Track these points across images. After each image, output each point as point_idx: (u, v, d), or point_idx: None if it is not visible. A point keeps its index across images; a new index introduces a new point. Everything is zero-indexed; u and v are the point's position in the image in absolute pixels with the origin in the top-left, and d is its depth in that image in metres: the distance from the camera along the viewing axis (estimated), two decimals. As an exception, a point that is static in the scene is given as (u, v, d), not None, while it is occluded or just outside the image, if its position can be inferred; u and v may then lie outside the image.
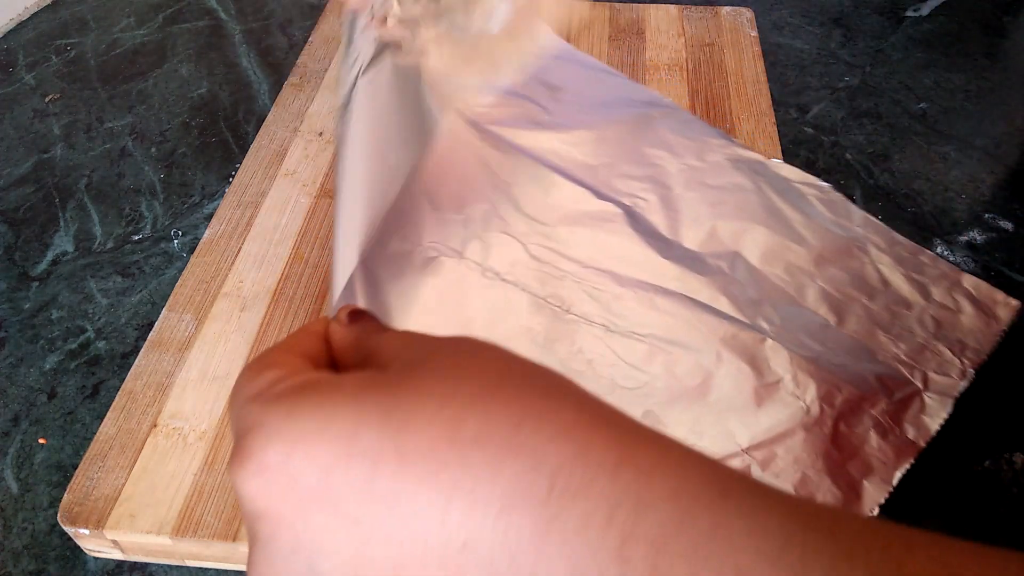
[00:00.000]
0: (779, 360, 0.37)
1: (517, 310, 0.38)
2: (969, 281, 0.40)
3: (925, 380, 0.36)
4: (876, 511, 0.32)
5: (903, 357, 0.37)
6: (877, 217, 0.43)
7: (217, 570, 0.35)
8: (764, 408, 0.36)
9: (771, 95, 0.52)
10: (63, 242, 0.49)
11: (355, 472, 0.16)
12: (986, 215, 0.48)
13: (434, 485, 0.16)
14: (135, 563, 0.35)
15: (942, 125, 0.54)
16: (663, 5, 0.60)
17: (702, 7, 0.60)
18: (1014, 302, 0.39)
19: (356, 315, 0.23)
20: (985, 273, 0.45)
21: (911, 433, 0.35)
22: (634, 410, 0.35)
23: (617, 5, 0.60)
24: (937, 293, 0.40)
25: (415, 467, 0.16)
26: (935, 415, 0.35)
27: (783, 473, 0.34)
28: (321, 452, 0.16)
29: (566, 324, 0.38)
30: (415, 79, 0.41)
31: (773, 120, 0.50)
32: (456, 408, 0.16)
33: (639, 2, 0.61)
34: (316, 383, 0.18)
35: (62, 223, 0.50)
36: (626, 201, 0.43)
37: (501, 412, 0.16)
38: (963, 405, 0.39)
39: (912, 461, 0.34)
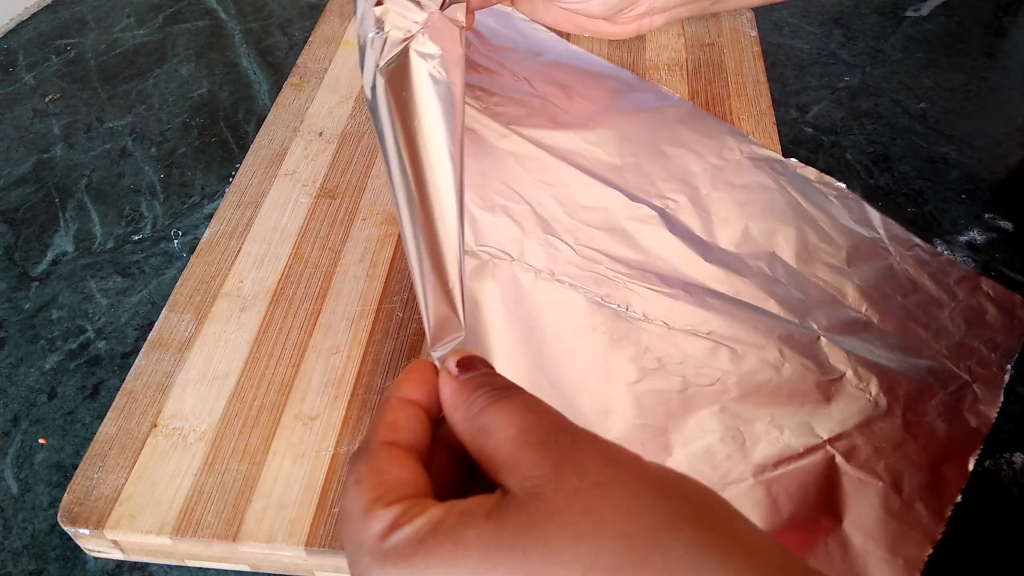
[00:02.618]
0: (837, 357, 0.37)
1: (578, 309, 0.38)
2: (987, 284, 0.40)
3: (971, 373, 0.37)
4: (959, 498, 0.32)
5: (945, 352, 0.38)
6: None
7: (217, 570, 0.35)
8: (834, 402, 0.36)
9: (771, 95, 0.52)
10: (63, 242, 0.49)
11: None
12: (986, 215, 0.48)
13: None
14: (135, 563, 0.35)
15: (942, 125, 0.54)
16: (663, 5, 0.60)
17: (702, 7, 0.60)
18: None
19: (466, 363, 0.22)
20: (985, 273, 0.45)
21: (973, 422, 0.35)
22: (711, 407, 0.35)
23: (617, 5, 0.60)
24: (962, 294, 0.40)
25: None
26: (990, 404, 0.36)
27: (867, 462, 0.34)
28: None
29: (627, 323, 0.38)
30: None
31: (773, 120, 0.50)
32: None
33: (639, 2, 0.61)
34: (435, 534, 0.17)
35: (62, 223, 0.50)
36: (657, 203, 0.43)
37: None
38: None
39: (981, 447, 0.34)
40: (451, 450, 0.22)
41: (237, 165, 0.50)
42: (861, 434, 0.34)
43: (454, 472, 0.22)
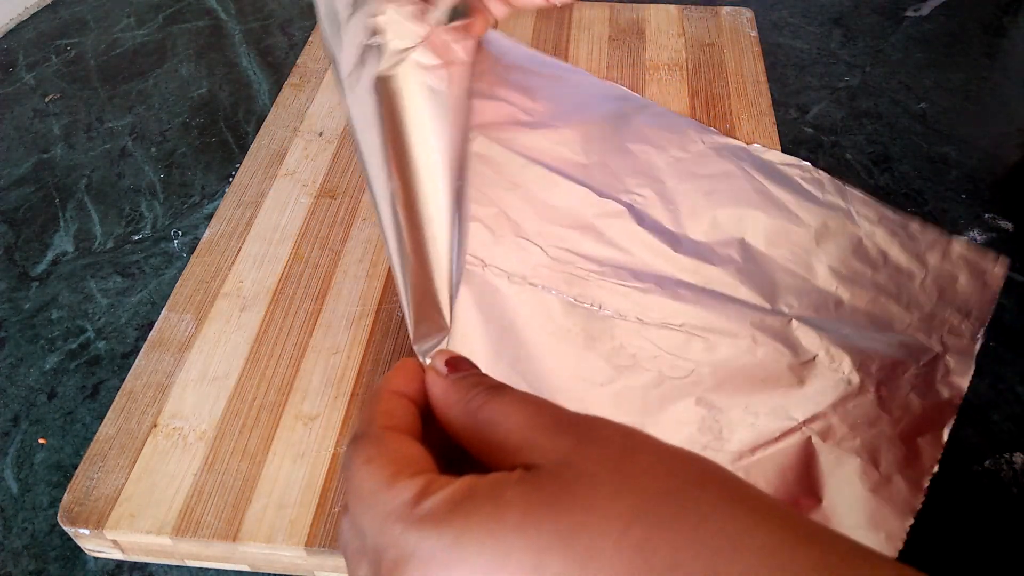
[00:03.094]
0: (809, 339, 0.37)
1: (551, 312, 0.38)
2: (960, 245, 0.40)
3: (943, 344, 0.37)
4: (936, 468, 0.33)
5: (917, 324, 0.38)
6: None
7: (217, 570, 0.35)
8: (808, 384, 0.36)
9: (771, 95, 0.52)
10: (63, 242, 0.49)
11: None
12: (986, 215, 0.48)
13: None
14: (135, 563, 0.35)
15: (942, 125, 0.54)
16: (663, 5, 0.60)
17: (702, 7, 0.60)
18: (1004, 259, 0.40)
19: (453, 363, 0.22)
20: (985, 273, 0.45)
21: (945, 394, 0.35)
22: (686, 399, 0.35)
23: (617, 5, 0.60)
24: (932, 260, 0.40)
25: None
26: (962, 374, 0.36)
27: (844, 440, 0.34)
28: None
29: (601, 322, 0.38)
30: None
31: (773, 120, 0.50)
32: (643, 530, 0.15)
33: (639, 2, 0.61)
34: (472, 497, 0.16)
35: (62, 223, 0.50)
36: (625, 198, 0.43)
37: (691, 535, 0.15)
38: (963, 405, 0.39)
39: (955, 417, 0.34)
40: (442, 446, 0.23)
41: (237, 165, 0.50)
42: (836, 413, 0.35)
43: (448, 465, 0.23)
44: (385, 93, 0.33)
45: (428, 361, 0.24)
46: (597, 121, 0.47)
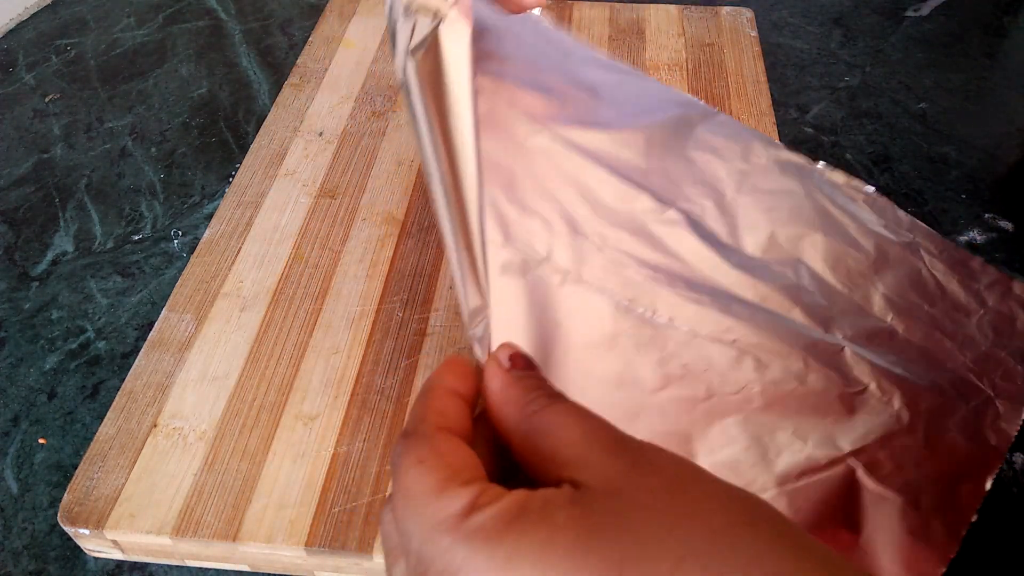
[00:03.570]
0: (861, 368, 0.37)
1: (601, 314, 0.37)
2: (1019, 287, 0.40)
3: (994, 387, 0.36)
4: (975, 518, 0.32)
5: (970, 364, 0.37)
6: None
7: (217, 570, 0.35)
8: (857, 415, 0.35)
9: (771, 95, 0.52)
10: (63, 242, 0.49)
11: None
12: (986, 215, 0.48)
13: None
14: (135, 563, 0.35)
15: (942, 125, 0.54)
16: (663, 5, 0.60)
17: (702, 7, 0.60)
18: None
19: (517, 359, 0.22)
20: (985, 273, 0.45)
21: (993, 440, 0.35)
22: (735, 416, 0.35)
23: (617, 5, 0.60)
24: (991, 300, 0.40)
25: None
26: (1011, 421, 0.35)
27: (889, 478, 0.33)
28: None
29: (653, 329, 0.37)
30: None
31: (773, 120, 0.50)
32: (694, 568, 0.15)
33: (639, 2, 0.61)
34: (524, 516, 0.16)
35: (62, 223, 0.50)
36: (684, 205, 0.42)
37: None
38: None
39: (1000, 467, 0.34)
40: (488, 443, 0.22)
41: (237, 165, 0.50)
42: (883, 449, 0.34)
43: (492, 465, 0.22)
44: (423, 68, 0.31)
45: (478, 349, 0.23)
46: (660, 126, 0.46)
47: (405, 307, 0.41)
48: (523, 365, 0.22)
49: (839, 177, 0.45)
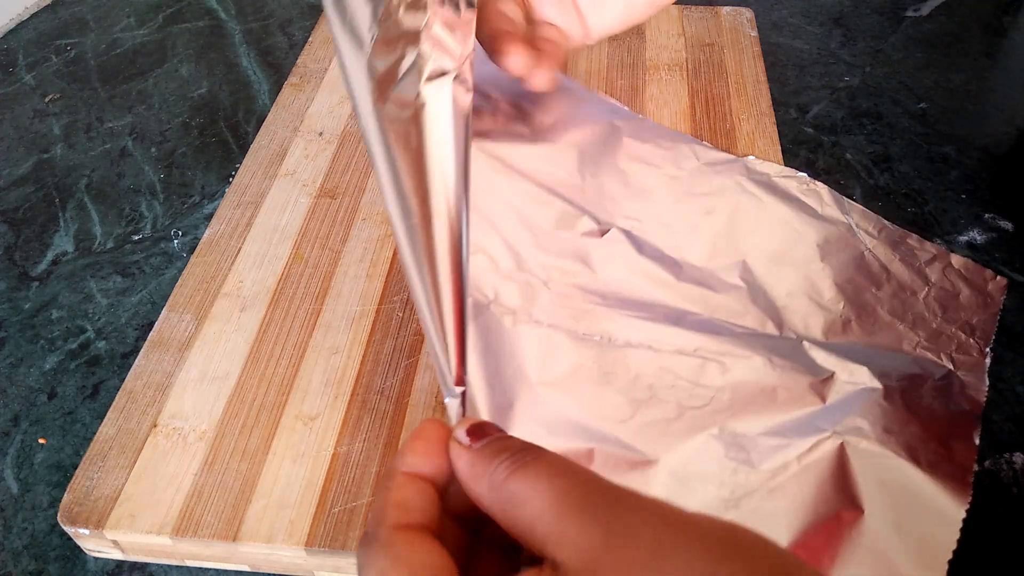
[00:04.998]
0: (823, 358, 0.36)
1: (560, 349, 0.36)
2: (958, 261, 0.40)
3: (953, 361, 0.37)
4: (975, 468, 0.32)
5: (925, 343, 0.38)
6: (877, 217, 0.43)
7: (217, 570, 0.35)
8: (830, 400, 0.35)
9: (771, 95, 0.52)
10: (63, 242, 0.49)
11: None
12: (986, 215, 0.48)
13: None
14: (135, 563, 0.35)
15: (942, 125, 0.54)
16: (663, 5, 0.60)
17: (702, 7, 0.60)
18: (1001, 280, 0.40)
19: (476, 430, 0.21)
20: (985, 273, 0.45)
21: (966, 406, 0.35)
22: (709, 429, 0.34)
23: (617, 5, 0.60)
24: (934, 276, 0.40)
25: None
26: (978, 389, 0.35)
27: (884, 441, 0.33)
28: None
29: (615, 352, 0.37)
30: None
31: (773, 120, 0.50)
32: None
33: (639, 2, 0.61)
34: None
35: (62, 223, 0.50)
36: (623, 224, 0.42)
37: None
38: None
39: (980, 426, 0.34)
40: (456, 517, 0.22)
41: (237, 165, 0.50)
42: (866, 418, 0.34)
43: (463, 539, 0.22)
44: (421, 119, 0.29)
45: (452, 417, 0.23)
46: (591, 137, 0.45)
47: (405, 307, 0.41)
48: (482, 435, 0.21)
49: (771, 168, 0.45)
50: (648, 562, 0.16)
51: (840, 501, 0.32)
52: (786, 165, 0.47)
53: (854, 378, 0.35)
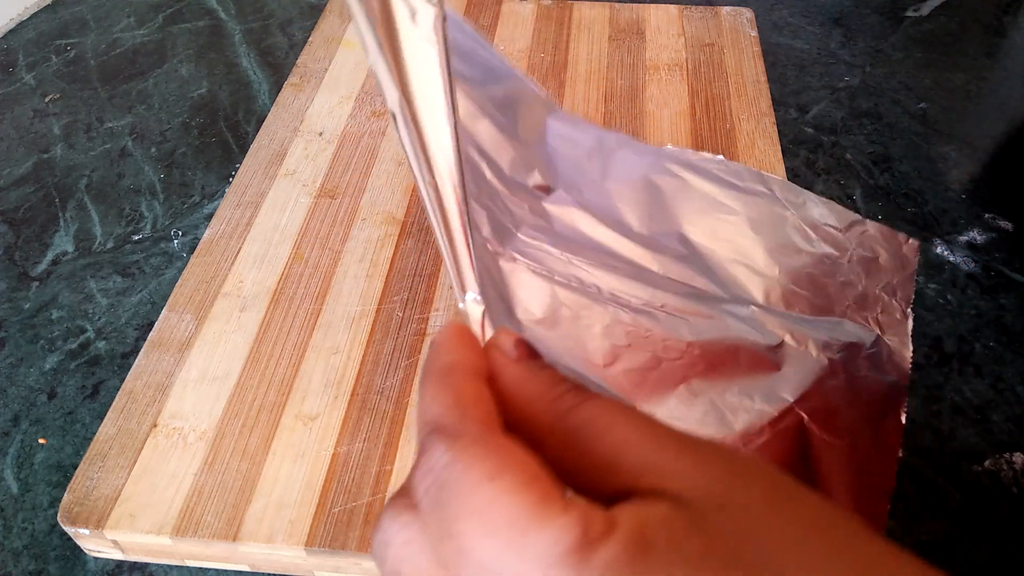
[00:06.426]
0: (773, 323, 0.37)
1: (540, 290, 0.37)
2: (872, 226, 0.41)
3: (880, 325, 0.38)
4: (900, 453, 0.34)
5: (853, 305, 0.39)
6: (877, 218, 0.43)
7: (217, 570, 0.35)
8: (785, 367, 0.36)
9: (771, 95, 0.52)
10: (63, 242, 0.49)
11: None
12: (986, 215, 0.48)
13: None
14: (135, 563, 0.35)
15: (942, 125, 0.54)
16: (663, 5, 0.60)
17: (702, 7, 0.60)
18: (915, 242, 0.41)
19: (524, 347, 0.19)
20: (985, 273, 0.45)
21: (893, 376, 0.36)
22: (684, 384, 0.35)
23: (617, 5, 0.60)
24: (854, 241, 0.41)
25: None
26: (903, 355, 0.37)
27: (828, 423, 0.34)
28: None
29: (589, 298, 0.37)
30: None
31: (773, 120, 0.50)
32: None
33: (639, 2, 0.61)
34: (650, 546, 0.14)
35: (62, 223, 0.50)
36: (564, 188, 0.42)
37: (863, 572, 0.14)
38: (962, 404, 0.39)
39: (906, 399, 0.35)
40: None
41: (237, 165, 0.50)
42: (820, 395, 0.35)
43: None
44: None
45: (474, 323, 0.21)
46: (523, 111, 0.44)
47: (405, 307, 0.41)
48: (531, 354, 0.19)
49: (689, 153, 0.46)
50: (776, 498, 0.15)
51: (800, 472, 0.33)
52: (786, 165, 0.47)
53: (801, 347, 0.37)
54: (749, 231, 0.42)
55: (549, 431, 0.17)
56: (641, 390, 0.35)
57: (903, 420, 0.34)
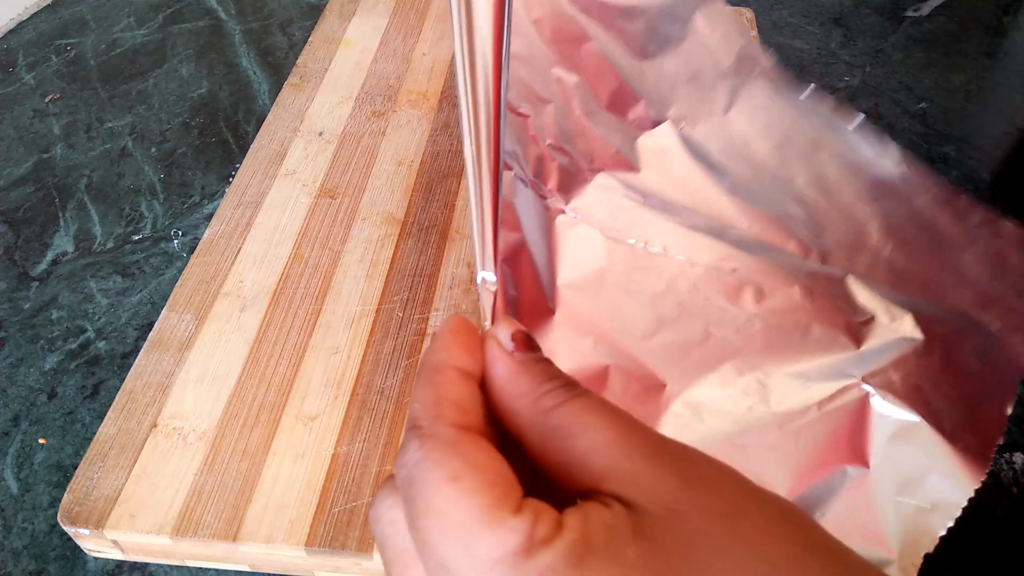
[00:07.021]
0: (866, 296, 0.34)
1: (591, 246, 0.34)
2: (1007, 227, 0.38)
3: (1001, 322, 0.35)
4: (1000, 440, 0.31)
5: (972, 299, 0.36)
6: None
7: (217, 570, 0.35)
8: (866, 345, 0.33)
9: (771, 95, 0.52)
10: (63, 242, 0.49)
11: None
12: (986, 215, 0.48)
13: None
14: (135, 563, 0.35)
15: (942, 125, 0.54)
16: (663, 5, 0.60)
17: (702, 7, 0.60)
18: None
19: (521, 339, 0.19)
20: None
21: (1007, 370, 0.33)
22: (732, 361, 0.32)
23: (617, 5, 0.60)
24: (983, 237, 0.37)
25: None
26: (1021, 354, 0.34)
27: (911, 399, 0.31)
28: None
29: (648, 259, 0.34)
30: None
31: (773, 120, 0.50)
32: None
33: (639, 2, 0.61)
34: (591, 551, 0.14)
35: (62, 223, 0.50)
36: (675, 118, 0.39)
37: None
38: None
39: (1015, 396, 0.32)
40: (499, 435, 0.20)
41: (237, 165, 0.50)
42: (897, 371, 0.32)
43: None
44: None
45: (485, 300, 0.20)
46: (659, 6, 0.41)
47: (405, 307, 0.41)
48: (528, 347, 0.19)
49: (827, 105, 0.43)
50: (734, 515, 0.15)
51: (849, 454, 0.30)
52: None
53: (895, 323, 0.33)
54: (871, 202, 0.38)
55: (530, 427, 0.17)
56: (683, 364, 0.32)
57: (1007, 413, 0.31)
